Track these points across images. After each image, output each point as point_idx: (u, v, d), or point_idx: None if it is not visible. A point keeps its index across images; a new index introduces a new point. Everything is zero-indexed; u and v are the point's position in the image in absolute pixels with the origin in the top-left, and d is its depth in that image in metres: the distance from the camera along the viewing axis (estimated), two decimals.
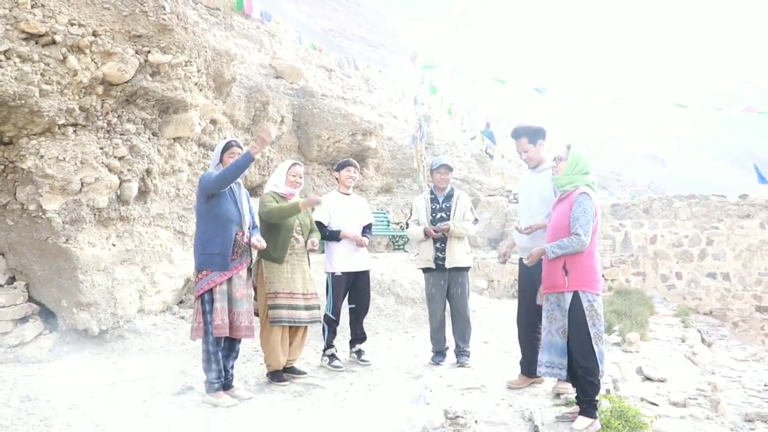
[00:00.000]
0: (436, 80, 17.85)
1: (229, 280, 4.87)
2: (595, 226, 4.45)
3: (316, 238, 5.78)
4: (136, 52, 6.76)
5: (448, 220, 6.26)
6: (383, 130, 16.35)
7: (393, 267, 9.76)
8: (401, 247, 12.93)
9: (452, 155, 18.64)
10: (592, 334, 4.29)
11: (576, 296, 4.37)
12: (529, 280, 5.15)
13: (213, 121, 8.99)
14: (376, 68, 23.88)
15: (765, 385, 7.43)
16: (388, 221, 13.40)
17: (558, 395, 4.95)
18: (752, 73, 65.98)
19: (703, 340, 9.40)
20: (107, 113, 6.77)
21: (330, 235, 6.14)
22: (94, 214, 6.60)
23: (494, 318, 9.14)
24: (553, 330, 4.56)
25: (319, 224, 6.09)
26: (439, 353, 6.35)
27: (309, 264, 5.79)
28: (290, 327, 5.52)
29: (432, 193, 6.50)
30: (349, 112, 15.00)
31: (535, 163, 5.34)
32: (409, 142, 15.88)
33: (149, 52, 6.84)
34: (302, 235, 5.69)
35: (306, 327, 5.68)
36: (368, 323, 7.40)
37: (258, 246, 5.06)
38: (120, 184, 6.84)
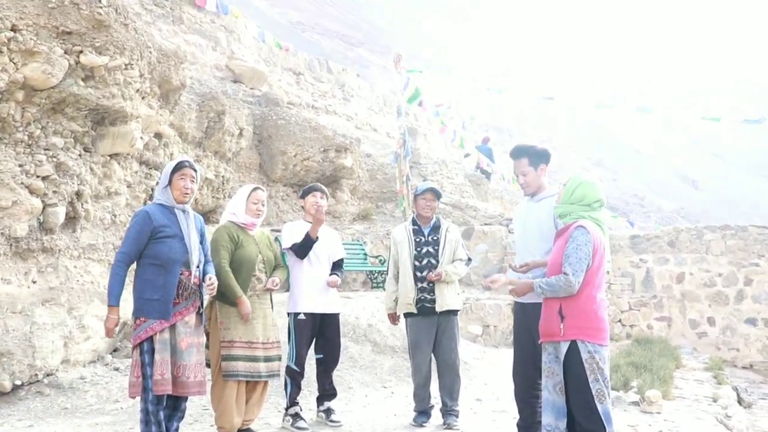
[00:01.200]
0: (424, 87, 18.05)
1: (172, 327, 4.88)
2: (597, 267, 4.55)
3: (279, 276, 5.83)
4: (66, 52, 6.83)
5: (436, 255, 6.34)
6: (361, 146, 16.50)
7: (370, 309, 9.82)
8: (380, 285, 12.99)
9: (442, 176, 18.83)
10: (594, 391, 4.37)
11: (573, 346, 4.46)
12: (526, 327, 5.22)
13: (158, 135, 9.06)
14: (353, 71, 24.13)
15: None
16: (365, 254, 13.48)
17: None
18: None
19: (740, 400, 9.49)
20: (29, 124, 6.81)
21: (303, 248, 6.13)
22: (11, 245, 6.62)
23: (489, 370, 9.20)
24: (551, 386, 4.65)
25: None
26: (422, 413, 6.39)
27: (272, 307, 5.84)
28: (247, 382, 5.56)
29: (415, 222, 6.57)
30: (320, 124, 15.14)
31: (533, 190, 5.46)
32: (392, 160, 16.00)
33: (81, 52, 6.91)
34: (265, 273, 5.74)
35: (266, 382, 5.70)
36: (340, 376, 7.45)
37: (210, 291, 5.08)
38: (43, 208, 6.87)
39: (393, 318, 6.59)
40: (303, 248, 6.14)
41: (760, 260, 13.27)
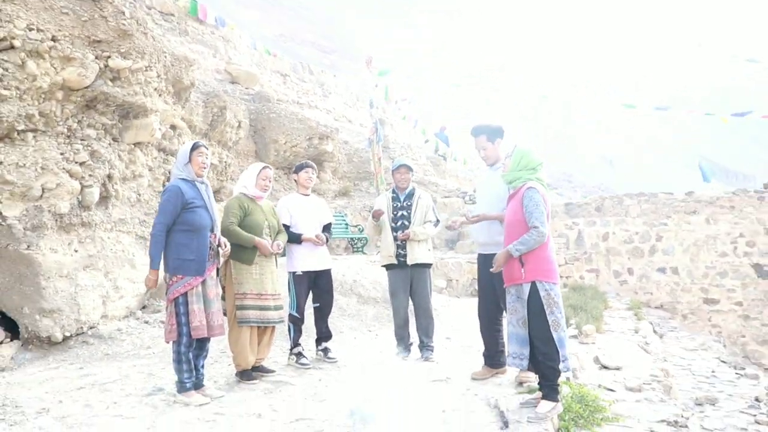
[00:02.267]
0: (392, 85, 18.08)
1: (203, 281, 4.95)
2: (546, 219, 4.68)
3: (282, 240, 5.89)
4: (96, 57, 6.79)
5: (409, 217, 6.45)
6: (339, 134, 16.50)
7: (354, 268, 9.91)
8: (360, 249, 13.10)
9: (408, 158, 18.88)
10: (550, 321, 4.50)
11: (533, 286, 4.58)
12: (488, 275, 5.33)
13: (173, 127, 9.02)
14: (330, 73, 24.03)
15: (712, 372, 7.82)
16: (347, 224, 13.56)
17: (521, 384, 5.16)
18: (705, 73, 67.20)
19: (655, 332, 9.81)
20: (67, 119, 6.78)
21: (291, 238, 6.25)
22: (56, 220, 6.60)
23: (455, 316, 9.34)
24: (514, 321, 4.77)
25: (285, 226, 6.20)
26: (403, 348, 6.50)
27: (276, 265, 5.90)
28: (258, 327, 5.62)
29: (394, 192, 6.68)
30: (305, 117, 15.11)
31: (493, 161, 5.56)
32: (366, 145, 16.07)
33: (109, 57, 6.89)
34: (270, 237, 5.78)
35: (274, 327, 5.77)
36: (332, 323, 7.47)
37: (225, 256, 5.17)
38: (81, 189, 6.86)
39: (378, 213, 6.57)
40: (290, 240, 6.23)
41: (667, 220, 13.55)
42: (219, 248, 5.15)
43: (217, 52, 16.89)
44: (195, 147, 5.09)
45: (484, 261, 5.39)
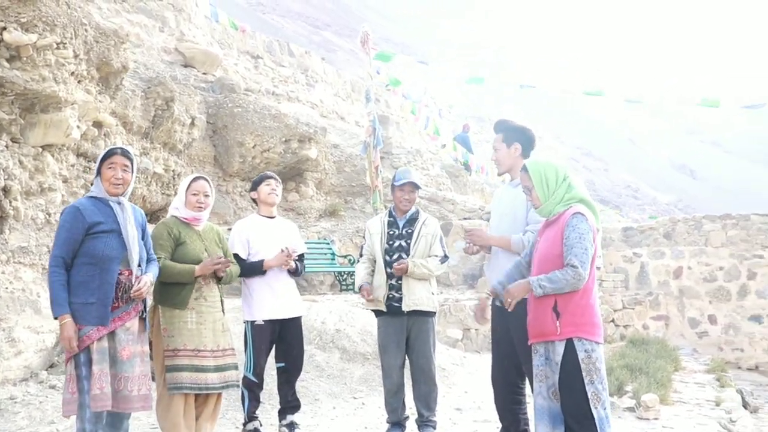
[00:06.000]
0: (397, 72, 18.06)
1: (111, 334, 4.75)
2: (593, 256, 4.48)
3: (233, 272, 5.72)
4: None
5: (408, 249, 6.26)
6: (327, 135, 16.47)
7: (338, 313, 9.76)
8: (350, 287, 12.94)
9: (416, 167, 18.79)
10: (589, 394, 4.31)
11: (570, 345, 4.39)
12: (504, 327, 5.14)
13: (98, 123, 8.95)
14: (317, 54, 24.10)
15: None
16: (333, 254, 13.44)
17: None
18: None
19: (745, 404, 9.53)
20: None
21: (250, 269, 6.08)
22: None
23: (470, 377, 9.20)
24: (544, 391, 4.57)
25: (237, 257, 6.03)
26: (396, 425, 6.30)
27: (223, 311, 5.73)
28: (197, 395, 5.44)
29: (391, 214, 6.50)
30: (281, 112, 15.10)
31: (504, 169, 5.49)
32: (361, 150, 15.94)
33: (5, 28, 6.82)
34: (212, 273, 5.61)
35: (219, 394, 5.60)
36: (305, 387, 7.38)
37: (137, 295, 4.90)
38: None
39: (367, 292, 6.30)
40: (248, 272, 6.09)
41: (764, 252, 13.35)
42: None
43: (165, 26, 16.93)
44: (107, 156, 4.91)
45: (501, 310, 5.19)
